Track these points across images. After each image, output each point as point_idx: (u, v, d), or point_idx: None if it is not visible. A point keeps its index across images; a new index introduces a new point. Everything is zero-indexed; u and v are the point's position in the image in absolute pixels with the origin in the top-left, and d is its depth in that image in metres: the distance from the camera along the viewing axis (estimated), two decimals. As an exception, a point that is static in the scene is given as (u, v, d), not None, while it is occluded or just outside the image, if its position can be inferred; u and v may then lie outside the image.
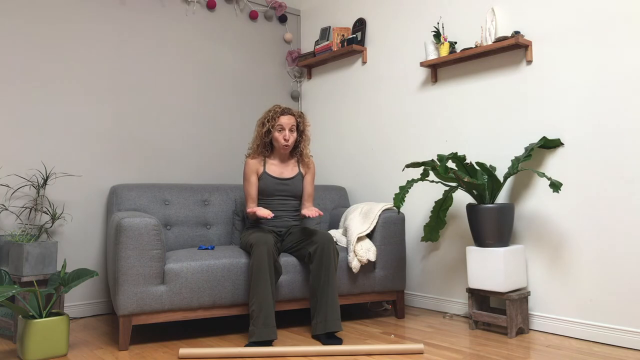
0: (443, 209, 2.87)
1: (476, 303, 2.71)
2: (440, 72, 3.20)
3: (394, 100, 3.45)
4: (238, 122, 3.80)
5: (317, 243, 2.57)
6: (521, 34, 2.72)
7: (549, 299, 2.65)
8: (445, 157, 2.58)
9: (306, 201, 2.92)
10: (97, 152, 3.18)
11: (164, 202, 3.05)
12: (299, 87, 4.16)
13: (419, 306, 3.27)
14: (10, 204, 2.86)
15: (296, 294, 2.69)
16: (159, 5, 3.47)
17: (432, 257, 3.21)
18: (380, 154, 3.53)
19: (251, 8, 3.93)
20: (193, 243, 3.05)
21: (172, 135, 3.47)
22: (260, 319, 2.38)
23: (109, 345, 2.47)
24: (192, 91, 3.59)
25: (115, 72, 3.27)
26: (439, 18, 3.20)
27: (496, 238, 2.59)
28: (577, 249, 2.56)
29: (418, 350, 2.28)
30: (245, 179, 2.84)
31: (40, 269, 2.56)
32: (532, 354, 2.28)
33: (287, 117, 2.79)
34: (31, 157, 2.95)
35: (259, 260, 2.45)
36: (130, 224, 2.40)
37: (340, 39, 3.72)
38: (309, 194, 2.93)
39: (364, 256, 2.77)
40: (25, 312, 2.29)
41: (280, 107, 2.83)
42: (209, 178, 3.63)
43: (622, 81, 2.42)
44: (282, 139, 2.78)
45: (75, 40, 3.13)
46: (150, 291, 2.41)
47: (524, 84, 2.78)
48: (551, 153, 2.66)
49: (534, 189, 2.73)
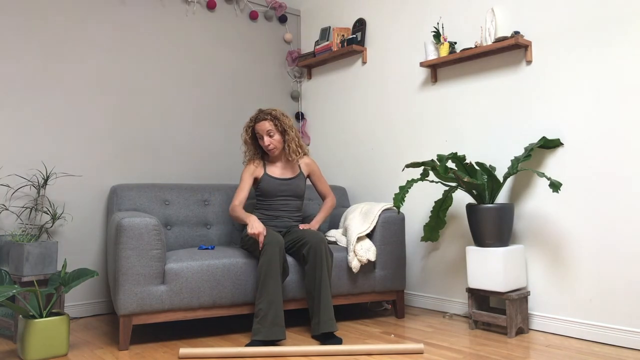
0: (443, 209, 2.87)
1: (476, 303, 2.71)
2: (440, 72, 3.20)
3: (394, 100, 3.45)
4: (238, 122, 3.80)
5: (309, 244, 2.58)
6: (521, 34, 2.72)
7: (548, 298, 2.65)
8: (445, 157, 2.58)
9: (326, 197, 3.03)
10: (97, 152, 3.18)
11: (164, 202, 3.05)
12: (299, 87, 4.17)
13: (419, 306, 3.27)
14: (10, 204, 2.86)
15: (296, 293, 2.69)
16: (159, 5, 3.48)
17: (432, 257, 3.21)
18: (380, 154, 3.53)
19: (251, 8, 3.93)
20: (193, 243, 3.06)
21: (172, 135, 3.48)
22: (268, 317, 2.37)
23: (109, 345, 2.48)
24: (192, 91, 3.59)
25: (116, 72, 3.27)
26: (439, 18, 3.20)
27: (496, 238, 2.59)
28: (577, 249, 2.56)
29: (418, 350, 2.28)
30: (241, 180, 2.86)
31: (41, 269, 2.56)
32: (532, 353, 2.28)
33: (261, 124, 2.81)
34: (31, 157, 2.95)
35: (270, 259, 2.45)
36: (130, 224, 2.40)
37: (340, 39, 3.72)
38: (324, 193, 3.04)
39: (364, 256, 2.77)
40: (25, 312, 2.29)
41: (254, 115, 2.87)
42: (209, 178, 3.63)
43: (621, 81, 2.43)
44: (264, 146, 2.82)
45: (75, 40, 3.13)
46: (151, 291, 2.42)
47: (524, 84, 2.79)
48: (551, 153, 2.67)
49: (533, 189, 2.73)
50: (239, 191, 2.82)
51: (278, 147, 2.84)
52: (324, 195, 3.04)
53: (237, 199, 2.80)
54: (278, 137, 2.83)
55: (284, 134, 2.85)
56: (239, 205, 2.78)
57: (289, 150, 2.86)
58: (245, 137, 2.91)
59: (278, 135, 2.83)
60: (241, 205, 2.79)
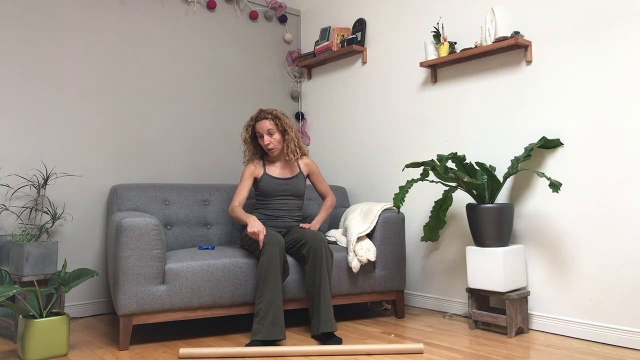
0: (443, 208, 2.87)
1: (476, 303, 2.71)
2: (440, 72, 3.20)
3: (394, 100, 3.45)
4: (238, 122, 3.80)
5: (309, 244, 2.58)
6: (521, 34, 2.72)
7: (548, 298, 2.65)
8: (445, 157, 2.58)
9: (326, 196, 3.03)
10: (97, 152, 3.18)
11: (164, 202, 3.05)
12: (299, 87, 4.17)
13: (419, 306, 3.27)
14: (10, 204, 2.86)
15: (296, 293, 2.69)
16: (159, 5, 3.48)
17: (432, 257, 3.21)
18: (380, 154, 3.53)
19: (251, 8, 3.93)
20: (193, 243, 3.06)
21: (172, 135, 3.48)
22: (268, 317, 2.37)
23: (109, 345, 2.48)
24: (192, 91, 3.60)
25: (116, 72, 3.27)
26: (438, 18, 3.20)
27: (496, 238, 2.59)
28: (577, 249, 2.56)
29: (418, 350, 2.28)
30: (241, 179, 2.87)
31: (41, 269, 2.56)
32: (531, 353, 2.28)
33: (261, 123, 2.82)
34: (31, 157, 2.95)
35: (270, 260, 2.45)
36: (130, 224, 2.40)
37: (340, 39, 3.72)
38: (324, 193, 3.04)
39: (364, 256, 2.77)
40: (25, 312, 2.29)
41: (255, 114, 2.88)
42: (209, 178, 3.64)
43: (621, 81, 2.43)
44: (263, 144, 2.82)
45: (75, 40, 3.13)
46: (151, 291, 2.42)
47: (524, 84, 2.79)
48: (551, 153, 2.67)
49: (533, 189, 2.73)
50: (239, 192, 2.83)
51: (277, 147, 2.84)
52: (323, 195, 3.05)
53: (237, 199, 2.80)
54: (278, 137, 2.83)
55: (284, 133, 2.85)
56: (239, 206, 2.78)
57: (287, 150, 2.86)
58: (245, 135, 2.91)
59: (278, 135, 2.83)
60: (240, 205, 2.80)
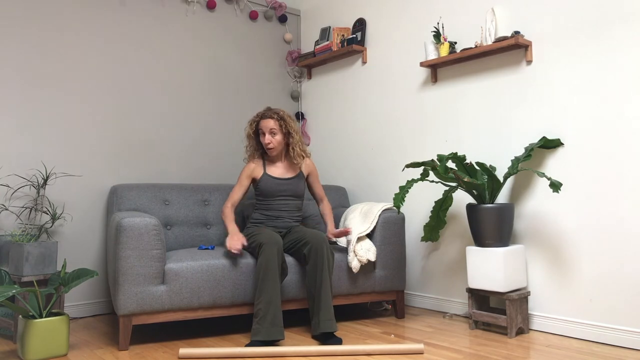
0: (443, 209, 2.87)
1: (476, 303, 2.71)
2: (440, 72, 3.20)
3: (394, 100, 3.45)
4: (238, 122, 3.80)
5: (310, 244, 2.57)
6: (521, 34, 2.72)
7: (548, 299, 2.65)
8: (445, 157, 2.58)
9: (320, 202, 3.01)
10: (97, 152, 3.18)
11: (164, 202, 3.05)
12: (299, 87, 4.17)
13: (419, 306, 3.27)
14: (10, 204, 2.86)
15: (296, 293, 2.69)
16: (159, 5, 3.48)
17: (432, 257, 3.21)
18: (380, 154, 3.53)
19: (251, 8, 3.93)
20: (193, 243, 3.06)
21: (172, 135, 3.48)
22: (267, 318, 2.37)
23: (109, 345, 2.48)
24: (192, 91, 3.59)
25: (115, 72, 3.27)
26: (439, 18, 3.20)
27: (496, 238, 2.59)
28: (577, 249, 2.56)
29: (418, 350, 2.28)
30: (238, 180, 2.86)
31: (41, 269, 2.56)
32: (532, 353, 2.28)
33: (266, 121, 2.80)
34: (31, 157, 2.95)
35: (268, 260, 2.45)
36: (130, 224, 2.40)
37: (340, 39, 3.72)
38: (320, 196, 3.01)
39: (364, 256, 2.77)
40: (25, 312, 2.29)
41: (262, 111, 2.87)
42: (209, 178, 3.63)
43: (621, 81, 2.43)
44: (264, 143, 2.81)
45: (75, 40, 3.13)
46: (150, 291, 2.42)
47: (524, 84, 2.79)
48: (551, 153, 2.66)
49: (533, 189, 2.73)
50: (233, 192, 2.84)
51: (277, 148, 2.83)
52: (319, 198, 3.01)
53: (230, 200, 2.82)
54: (279, 138, 2.83)
55: (288, 136, 2.84)
56: (230, 208, 2.81)
57: (293, 153, 2.86)
58: (248, 130, 2.89)
59: (280, 136, 2.83)
60: (233, 207, 2.82)
